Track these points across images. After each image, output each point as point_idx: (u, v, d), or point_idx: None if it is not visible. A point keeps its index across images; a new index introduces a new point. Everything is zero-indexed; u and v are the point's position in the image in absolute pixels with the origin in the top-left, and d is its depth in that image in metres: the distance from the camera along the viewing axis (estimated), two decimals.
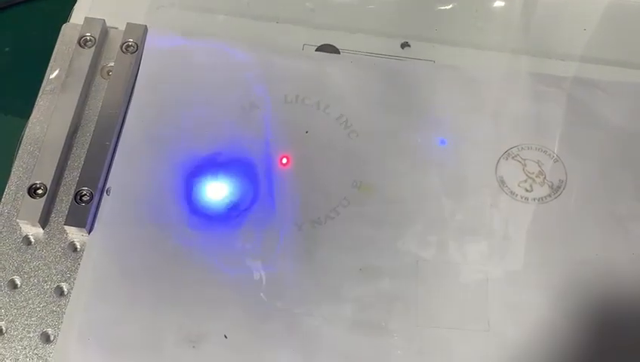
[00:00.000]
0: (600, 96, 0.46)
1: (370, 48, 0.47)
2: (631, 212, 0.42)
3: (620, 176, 0.44)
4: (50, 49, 0.46)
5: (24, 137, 0.44)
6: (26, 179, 0.42)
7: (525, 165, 0.44)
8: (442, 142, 0.44)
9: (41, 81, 0.45)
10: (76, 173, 0.42)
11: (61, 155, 0.42)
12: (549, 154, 0.44)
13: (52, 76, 0.45)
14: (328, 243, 0.41)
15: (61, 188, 0.42)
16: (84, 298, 0.39)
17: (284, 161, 0.43)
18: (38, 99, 0.45)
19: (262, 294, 0.40)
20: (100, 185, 0.42)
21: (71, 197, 0.41)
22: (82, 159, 0.43)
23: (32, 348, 0.38)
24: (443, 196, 0.43)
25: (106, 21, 0.46)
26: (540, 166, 0.44)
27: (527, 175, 0.43)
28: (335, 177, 0.43)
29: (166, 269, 0.40)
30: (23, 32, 0.57)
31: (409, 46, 0.48)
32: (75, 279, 0.40)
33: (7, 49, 0.56)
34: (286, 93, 0.45)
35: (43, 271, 0.40)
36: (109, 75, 0.45)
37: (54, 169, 0.42)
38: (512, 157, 0.44)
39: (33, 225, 0.41)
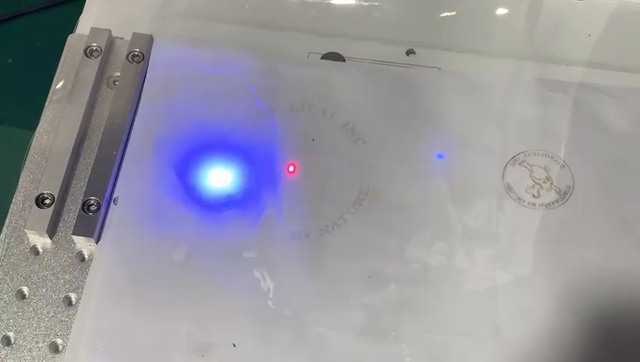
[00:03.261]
0: (605, 101, 0.46)
1: (375, 56, 0.47)
2: (638, 216, 0.42)
3: (627, 181, 0.43)
4: (56, 60, 0.46)
5: (31, 147, 0.44)
6: (34, 189, 0.42)
7: (532, 171, 0.44)
8: (440, 156, 0.44)
9: (46, 92, 0.45)
10: (83, 183, 0.42)
11: (68, 165, 0.42)
12: (556, 160, 0.44)
13: (58, 86, 0.45)
14: (336, 250, 0.41)
15: (68, 198, 0.42)
16: (93, 307, 0.39)
17: (291, 168, 0.43)
18: (44, 109, 0.45)
19: (270, 302, 0.40)
20: (107, 195, 0.42)
21: (78, 207, 0.41)
22: (89, 169, 0.43)
23: (41, 358, 0.38)
24: (450, 203, 0.42)
25: (112, 31, 0.46)
26: (546, 171, 0.44)
27: (534, 181, 0.43)
28: (342, 184, 0.43)
29: (174, 278, 0.40)
30: (29, 43, 0.57)
31: (414, 53, 0.48)
32: (83, 289, 0.40)
33: (9, 60, 0.56)
34: (292, 102, 0.45)
35: (51, 281, 0.40)
36: (115, 84, 0.45)
37: (61, 179, 0.42)
38: (519, 163, 0.44)
39: (41, 236, 0.41)
